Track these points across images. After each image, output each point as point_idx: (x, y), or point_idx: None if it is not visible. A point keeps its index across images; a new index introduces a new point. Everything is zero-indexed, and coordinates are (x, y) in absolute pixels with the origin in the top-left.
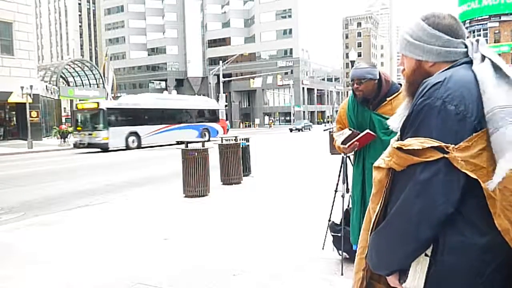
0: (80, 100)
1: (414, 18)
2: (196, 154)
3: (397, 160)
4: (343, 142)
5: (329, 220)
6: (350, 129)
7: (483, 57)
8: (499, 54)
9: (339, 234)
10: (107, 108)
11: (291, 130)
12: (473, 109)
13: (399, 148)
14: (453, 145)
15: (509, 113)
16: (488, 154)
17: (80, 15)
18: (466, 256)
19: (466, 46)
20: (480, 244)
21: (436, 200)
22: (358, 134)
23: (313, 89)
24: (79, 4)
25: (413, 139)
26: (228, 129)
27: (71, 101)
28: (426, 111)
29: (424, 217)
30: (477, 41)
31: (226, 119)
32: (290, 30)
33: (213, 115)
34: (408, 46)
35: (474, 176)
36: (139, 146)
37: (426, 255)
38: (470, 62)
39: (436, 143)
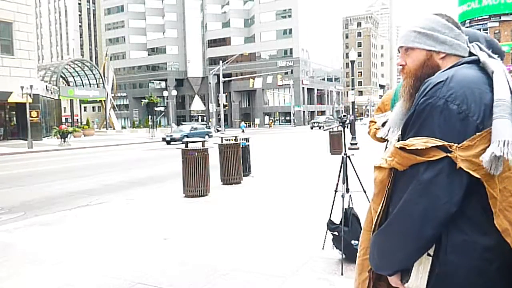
0: (80, 100)
1: (424, 15)
2: (196, 154)
3: (400, 160)
4: (383, 125)
5: (329, 220)
6: None
7: (489, 56)
8: None
9: (336, 233)
10: None
11: (166, 141)
12: (475, 108)
13: (402, 148)
14: (456, 144)
15: (504, 108)
16: None
17: (80, 15)
18: (468, 255)
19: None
20: (483, 243)
21: (439, 199)
22: None
23: (313, 89)
24: (79, 4)
25: (415, 138)
26: None
27: (71, 101)
28: (428, 110)
29: (427, 217)
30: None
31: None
32: (290, 30)
33: None
34: (418, 37)
35: (477, 175)
36: None
37: (428, 254)
38: (472, 62)
39: (439, 142)
